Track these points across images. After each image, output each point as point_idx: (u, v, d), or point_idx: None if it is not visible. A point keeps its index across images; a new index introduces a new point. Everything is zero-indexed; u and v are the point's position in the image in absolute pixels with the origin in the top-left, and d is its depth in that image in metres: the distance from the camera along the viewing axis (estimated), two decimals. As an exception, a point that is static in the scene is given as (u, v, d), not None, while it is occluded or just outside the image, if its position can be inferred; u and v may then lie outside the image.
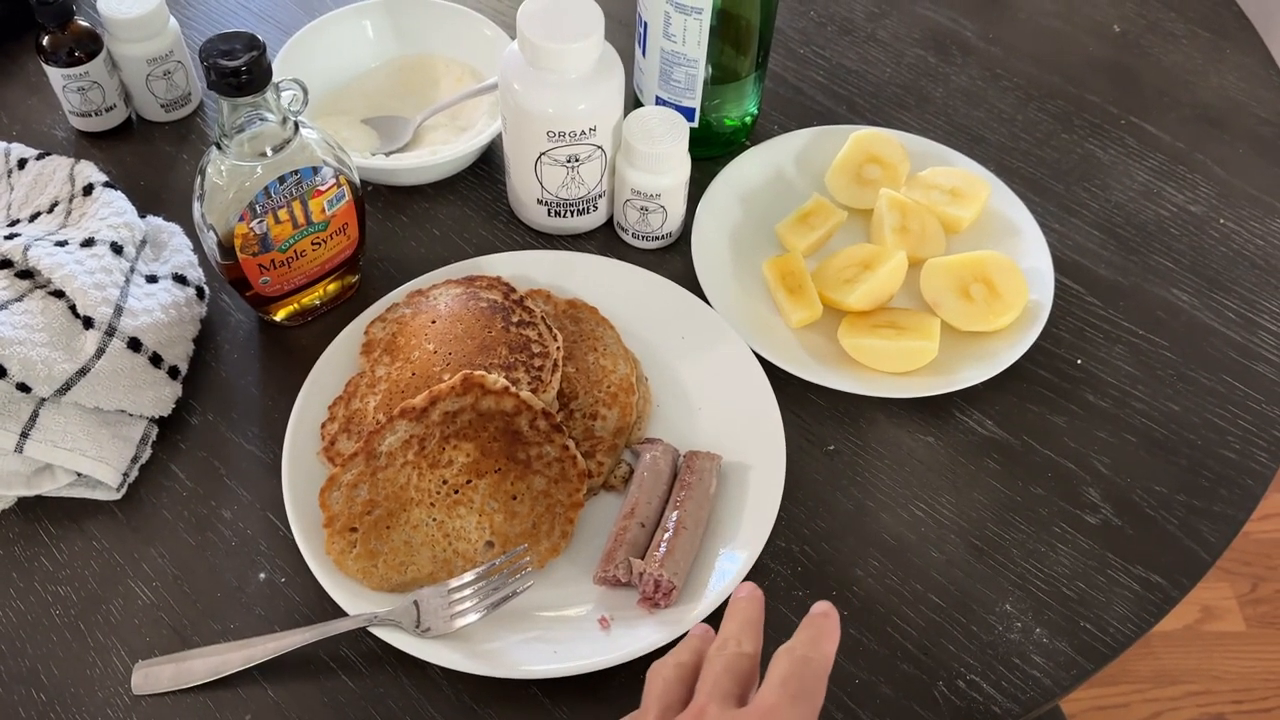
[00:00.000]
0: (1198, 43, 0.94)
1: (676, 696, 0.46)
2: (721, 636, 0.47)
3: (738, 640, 0.47)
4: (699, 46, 0.74)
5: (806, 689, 0.44)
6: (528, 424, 0.63)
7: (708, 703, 0.44)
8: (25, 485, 0.63)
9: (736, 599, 0.49)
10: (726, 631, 0.47)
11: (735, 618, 0.48)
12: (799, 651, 0.45)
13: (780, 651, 0.46)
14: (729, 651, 0.46)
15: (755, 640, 0.47)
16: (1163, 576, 0.64)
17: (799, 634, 0.46)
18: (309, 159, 0.64)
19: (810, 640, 0.46)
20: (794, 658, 0.45)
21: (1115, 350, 0.74)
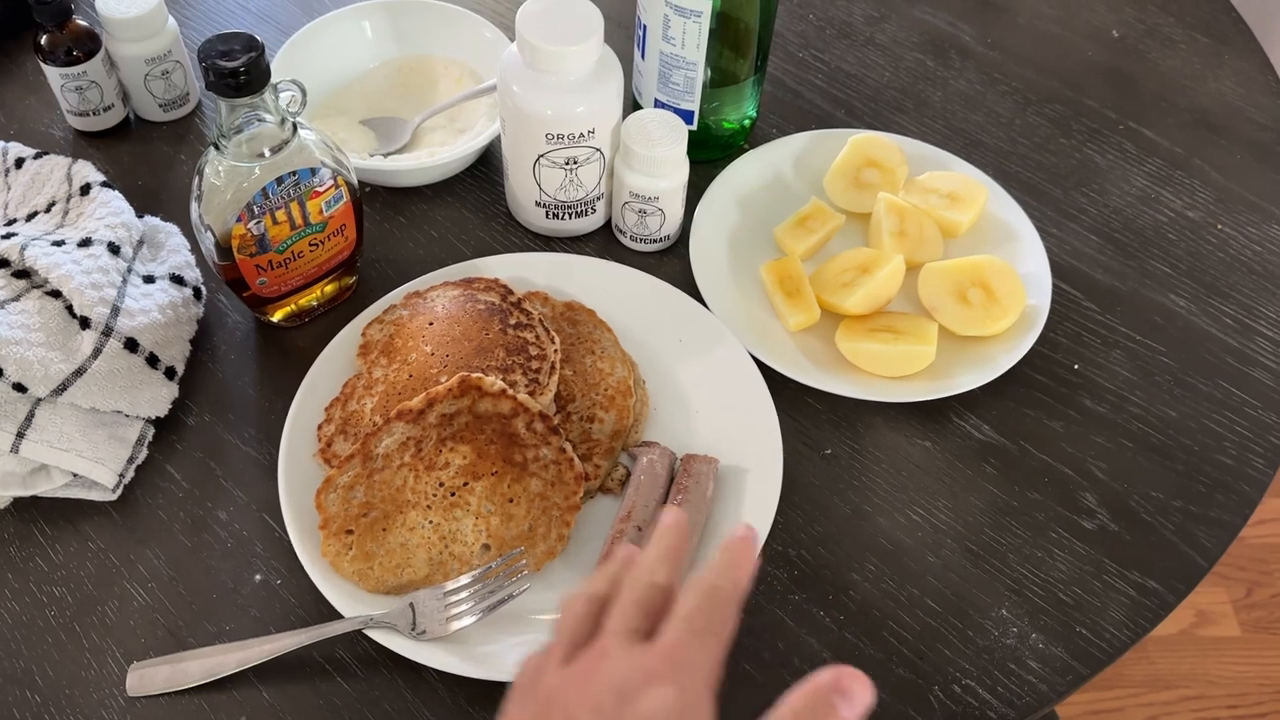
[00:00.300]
0: (1196, 48, 0.94)
1: (585, 631, 0.43)
2: (638, 567, 0.44)
3: (652, 571, 0.44)
4: (698, 49, 0.74)
5: (714, 624, 0.41)
6: (525, 426, 0.63)
7: (611, 640, 0.41)
8: (21, 485, 0.63)
9: (663, 526, 0.46)
10: (643, 562, 0.44)
11: (656, 546, 0.45)
12: (709, 580, 0.42)
13: (691, 580, 0.43)
14: (642, 583, 0.43)
15: (672, 571, 0.44)
16: (1159, 582, 0.64)
17: (714, 561, 0.44)
18: (307, 160, 0.64)
19: (723, 567, 0.43)
20: (703, 588, 0.42)
21: (1112, 355, 0.74)
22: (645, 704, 0.38)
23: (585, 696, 0.39)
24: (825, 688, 0.39)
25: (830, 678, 0.39)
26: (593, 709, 0.39)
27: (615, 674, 0.40)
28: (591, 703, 0.39)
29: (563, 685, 0.41)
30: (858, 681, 0.39)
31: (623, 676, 0.39)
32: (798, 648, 0.61)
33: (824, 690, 0.39)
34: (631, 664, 0.40)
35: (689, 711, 0.39)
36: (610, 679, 0.39)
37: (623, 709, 0.38)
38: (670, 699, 0.38)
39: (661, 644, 0.40)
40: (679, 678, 0.39)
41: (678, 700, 0.38)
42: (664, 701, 0.38)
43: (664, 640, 0.40)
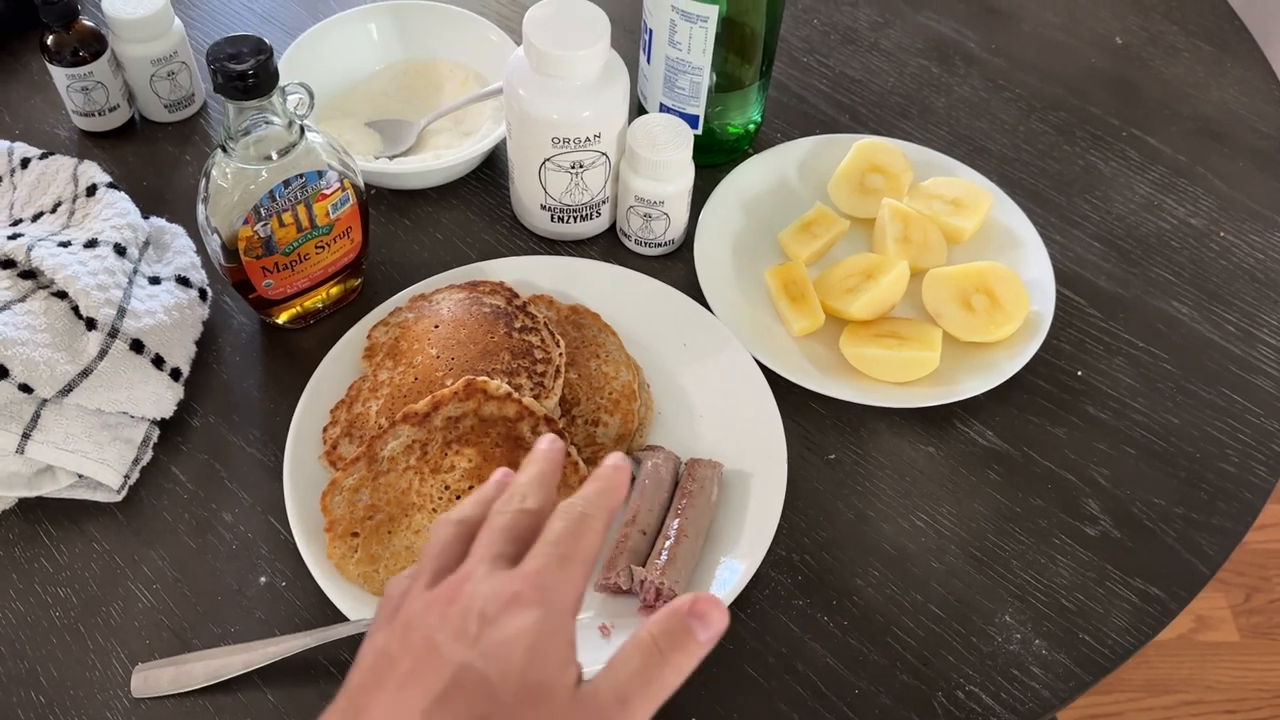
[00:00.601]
0: (1199, 56, 0.94)
1: (453, 555, 0.43)
2: (509, 493, 0.44)
3: (523, 496, 0.43)
4: (704, 54, 0.74)
5: (579, 550, 0.41)
6: (530, 430, 0.63)
7: (476, 565, 0.41)
8: (26, 486, 0.63)
9: (536, 449, 0.46)
10: (514, 487, 0.44)
11: (528, 470, 0.45)
12: (578, 507, 0.42)
13: (560, 507, 0.43)
14: (511, 508, 0.43)
15: (543, 497, 0.44)
16: (1161, 589, 0.64)
17: (583, 488, 0.44)
18: (314, 163, 0.64)
19: (594, 494, 0.43)
20: (572, 515, 0.42)
21: (1115, 362, 0.74)
22: (506, 626, 0.38)
23: (446, 619, 0.39)
24: (682, 613, 0.40)
25: (688, 603, 0.40)
26: (453, 632, 0.38)
27: (478, 597, 0.39)
28: (453, 625, 0.39)
29: (424, 609, 0.40)
30: (715, 607, 0.40)
31: (485, 599, 0.39)
32: (801, 653, 0.61)
33: (681, 615, 0.40)
34: (494, 587, 0.39)
35: (550, 635, 0.39)
36: (472, 602, 0.39)
37: (484, 631, 0.38)
38: (531, 620, 0.38)
39: (525, 568, 0.40)
40: (542, 600, 0.39)
41: (540, 623, 0.38)
42: (525, 623, 0.38)
43: (528, 565, 0.40)
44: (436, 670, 0.38)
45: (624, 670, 0.39)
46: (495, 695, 0.37)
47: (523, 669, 0.37)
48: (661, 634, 0.39)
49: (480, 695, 0.37)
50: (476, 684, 0.37)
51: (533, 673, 0.38)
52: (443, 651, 0.38)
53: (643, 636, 0.39)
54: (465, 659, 0.38)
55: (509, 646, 0.38)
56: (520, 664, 0.37)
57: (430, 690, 0.37)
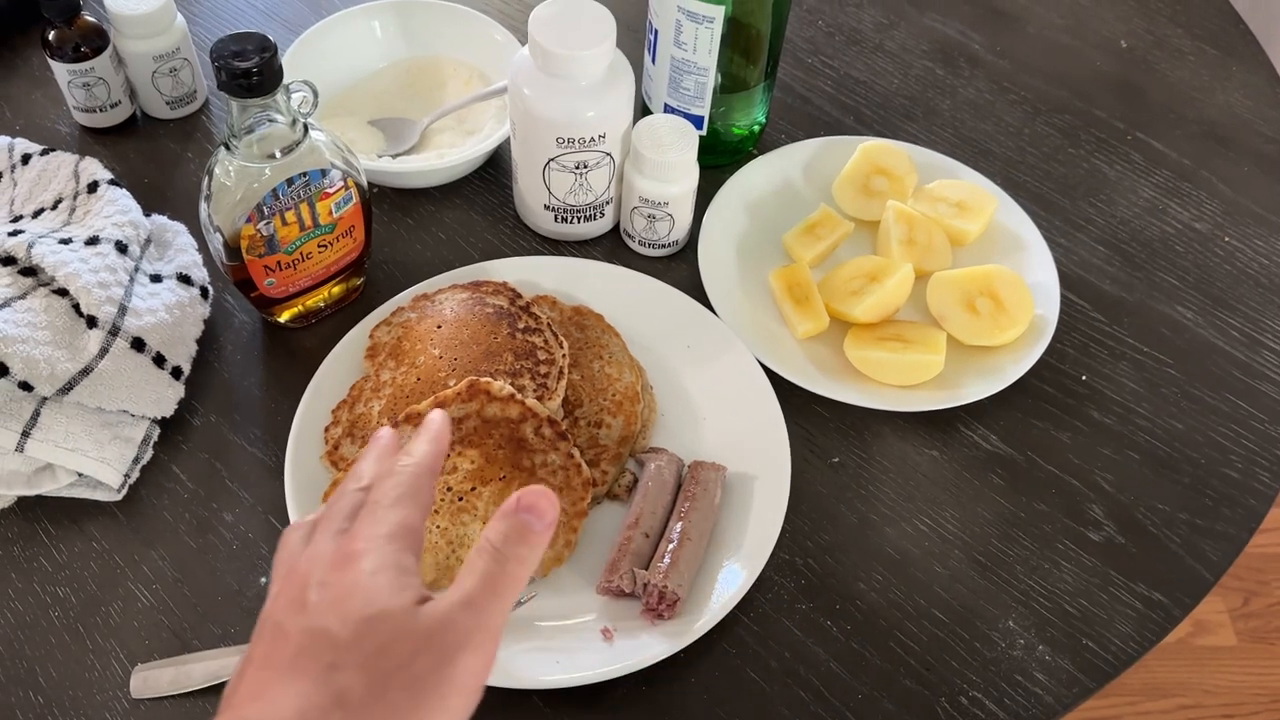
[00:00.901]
0: (1204, 60, 0.94)
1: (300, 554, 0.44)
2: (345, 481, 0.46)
3: (360, 479, 0.45)
4: (710, 55, 0.73)
5: (404, 494, 0.43)
6: (533, 431, 0.63)
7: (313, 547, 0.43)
8: (26, 485, 0.63)
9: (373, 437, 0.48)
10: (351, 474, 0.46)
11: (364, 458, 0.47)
12: (399, 461, 0.45)
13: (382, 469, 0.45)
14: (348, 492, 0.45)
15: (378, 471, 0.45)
16: (1165, 595, 0.64)
17: (408, 445, 0.46)
18: (317, 161, 0.64)
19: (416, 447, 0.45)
20: (391, 470, 0.44)
21: (1119, 367, 0.74)
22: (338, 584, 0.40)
23: (289, 601, 0.41)
24: (513, 510, 0.42)
25: (516, 501, 0.42)
26: (293, 607, 0.40)
27: (314, 569, 0.41)
28: (292, 603, 0.40)
29: (272, 604, 0.42)
30: (542, 497, 0.42)
31: (319, 569, 0.41)
32: (803, 657, 0.61)
33: (511, 512, 0.42)
34: (326, 555, 0.41)
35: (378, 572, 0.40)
36: (309, 575, 0.41)
37: (318, 595, 0.40)
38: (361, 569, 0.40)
39: (353, 528, 0.42)
40: (367, 548, 0.41)
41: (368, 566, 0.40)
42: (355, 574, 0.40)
43: (356, 525, 0.42)
44: (283, 644, 0.39)
45: (470, 577, 0.40)
46: (336, 641, 0.38)
47: (359, 608, 0.39)
48: (497, 535, 0.41)
49: (324, 646, 0.38)
50: (318, 638, 0.38)
51: (367, 608, 0.39)
52: (285, 627, 0.40)
53: (481, 544, 0.41)
54: (305, 624, 0.39)
55: (342, 598, 0.39)
56: (356, 605, 0.39)
57: (281, 662, 0.39)
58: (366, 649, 0.38)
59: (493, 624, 0.40)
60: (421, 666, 0.38)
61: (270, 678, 0.38)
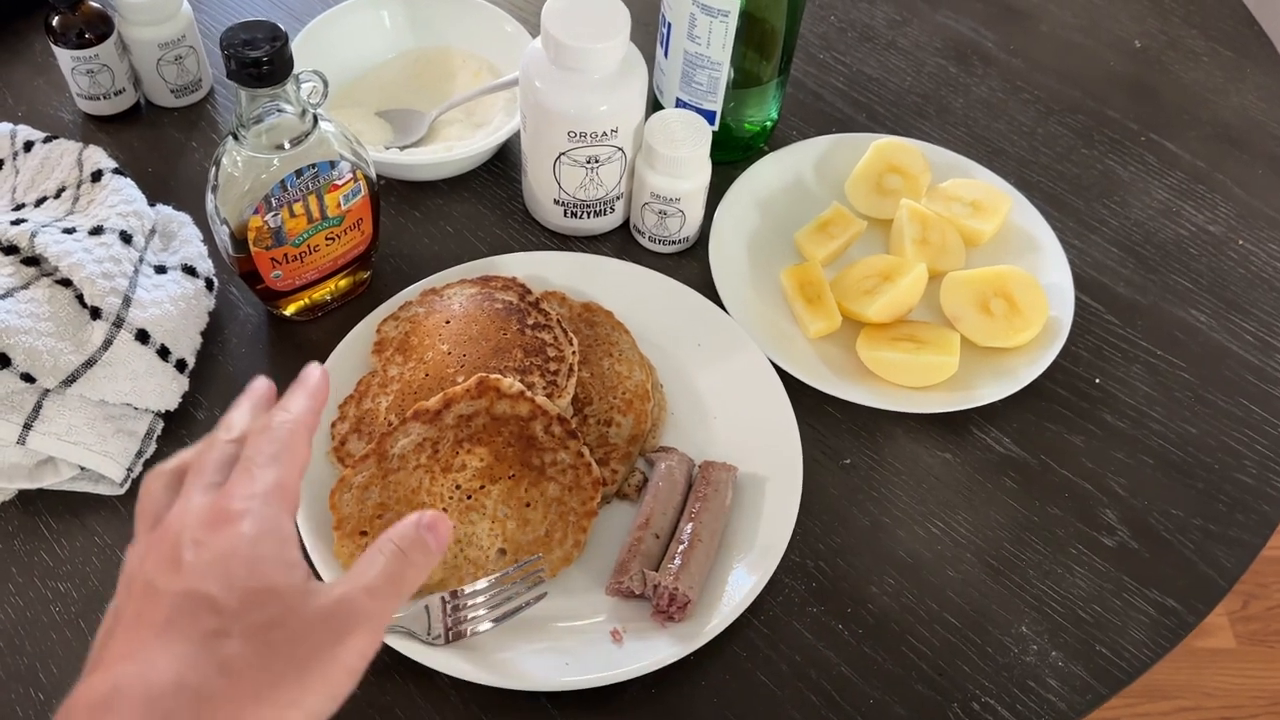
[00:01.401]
0: (1218, 61, 0.93)
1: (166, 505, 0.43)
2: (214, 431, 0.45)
3: (230, 430, 0.44)
4: (723, 50, 0.72)
5: (280, 451, 0.42)
6: (543, 429, 0.62)
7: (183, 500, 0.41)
8: (27, 478, 0.62)
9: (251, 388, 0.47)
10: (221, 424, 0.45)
11: (237, 408, 0.46)
12: (276, 417, 0.43)
13: (257, 424, 0.44)
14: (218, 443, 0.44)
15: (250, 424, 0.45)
16: (1178, 601, 0.64)
17: (283, 399, 0.45)
18: (327, 153, 0.63)
19: (289, 404, 0.44)
20: (268, 426, 0.43)
21: (1133, 370, 0.73)
22: (215, 545, 0.39)
23: (159, 559, 0.39)
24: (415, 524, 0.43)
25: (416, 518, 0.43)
26: (165, 566, 0.39)
27: (185, 528, 0.40)
28: (164, 561, 0.39)
29: (140, 558, 0.40)
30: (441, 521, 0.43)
31: (191, 527, 0.39)
32: (815, 661, 0.60)
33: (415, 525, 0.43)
34: (198, 513, 0.40)
35: (263, 540, 0.39)
36: (181, 534, 0.39)
37: (195, 555, 0.39)
38: (241, 532, 0.39)
39: (227, 486, 0.41)
40: (247, 511, 0.40)
41: (250, 531, 0.39)
42: (234, 536, 0.39)
43: (229, 483, 0.41)
44: (156, 604, 0.38)
45: (372, 569, 0.41)
46: (221, 608, 0.37)
47: (244, 578, 0.38)
48: (403, 539, 0.42)
49: (205, 610, 0.37)
50: (198, 602, 0.37)
51: (254, 579, 0.38)
52: (158, 586, 0.38)
53: (385, 544, 0.42)
54: (182, 586, 0.38)
55: (223, 561, 0.38)
56: (240, 574, 0.38)
57: (155, 622, 0.37)
58: (255, 620, 0.37)
59: (386, 614, 0.41)
60: (312, 643, 0.38)
61: (144, 638, 0.37)
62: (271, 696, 0.37)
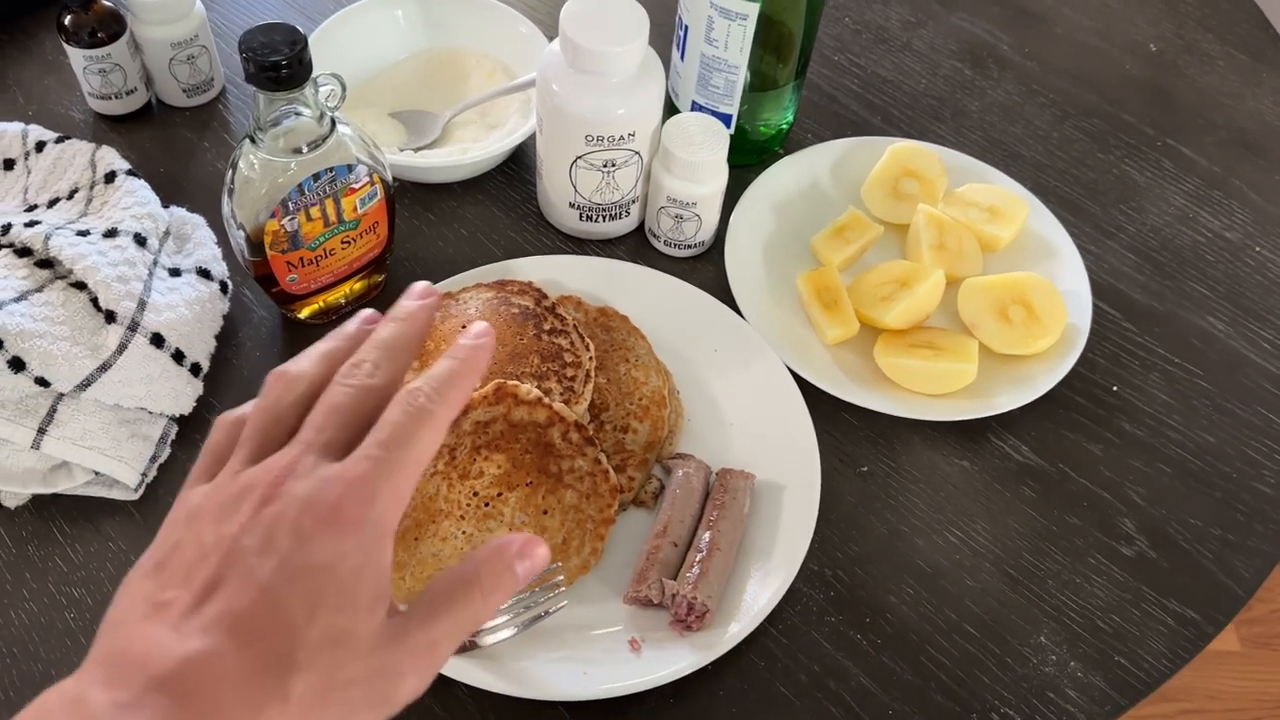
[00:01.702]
0: (1234, 65, 0.93)
1: (283, 426, 0.38)
2: (357, 356, 0.39)
3: (373, 365, 0.38)
4: (741, 53, 0.72)
5: (410, 455, 0.36)
6: (560, 436, 0.62)
7: (303, 454, 0.36)
8: (41, 483, 0.61)
9: (402, 307, 0.40)
10: (363, 351, 0.39)
11: (385, 329, 0.40)
12: (420, 399, 0.37)
13: (402, 394, 0.37)
14: (356, 382, 0.38)
15: (393, 370, 0.39)
16: (1197, 612, 0.63)
17: (435, 367, 0.38)
18: (344, 156, 0.62)
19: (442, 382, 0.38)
20: (412, 408, 0.37)
21: (1151, 378, 0.73)
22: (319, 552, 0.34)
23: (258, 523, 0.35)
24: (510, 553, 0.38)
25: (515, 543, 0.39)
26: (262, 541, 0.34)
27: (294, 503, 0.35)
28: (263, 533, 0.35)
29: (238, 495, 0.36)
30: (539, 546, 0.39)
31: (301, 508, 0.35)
32: (834, 671, 0.60)
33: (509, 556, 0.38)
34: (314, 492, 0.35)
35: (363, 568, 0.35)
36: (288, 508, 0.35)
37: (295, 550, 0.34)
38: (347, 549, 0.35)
39: (352, 470, 0.36)
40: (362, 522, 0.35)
41: (355, 552, 0.35)
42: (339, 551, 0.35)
43: (356, 467, 0.36)
44: (242, 587, 0.34)
45: (441, 611, 0.37)
46: (296, 635, 0.34)
47: (332, 609, 0.34)
48: (488, 576, 0.38)
49: (281, 632, 0.34)
50: (277, 618, 0.34)
51: (340, 617, 0.34)
52: (249, 560, 0.34)
53: (469, 575, 0.37)
54: (271, 581, 0.34)
55: (319, 578, 0.34)
56: (330, 603, 0.34)
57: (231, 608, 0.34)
58: (324, 659, 0.34)
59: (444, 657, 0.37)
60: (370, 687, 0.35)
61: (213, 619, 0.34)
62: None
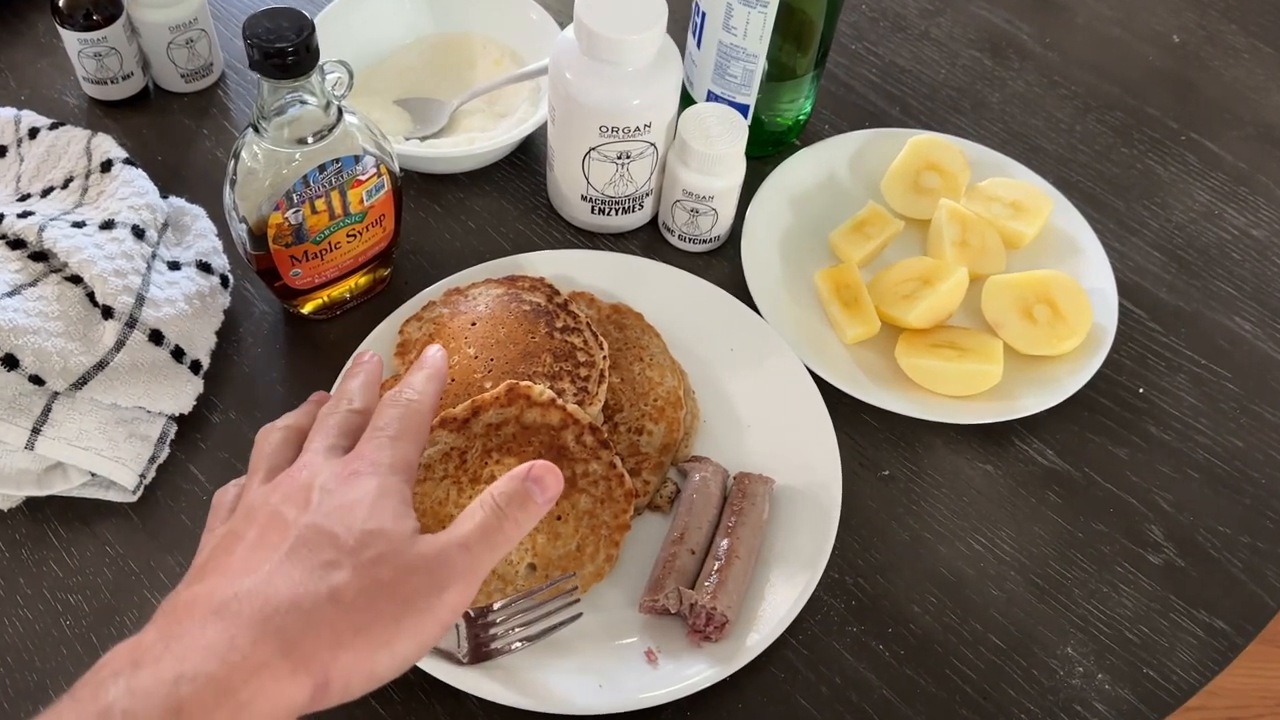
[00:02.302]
0: (1259, 58, 0.90)
1: (284, 457, 0.47)
2: (335, 398, 0.49)
3: (350, 400, 0.48)
4: (761, 41, 0.70)
5: (407, 428, 0.46)
6: (574, 439, 0.60)
7: (313, 456, 0.45)
8: (36, 484, 0.59)
9: (357, 360, 0.52)
10: (340, 393, 0.49)
11: (353, 379, 0.50)
12: (404, 395, 0.47)
13: (387, 396, 0.48)
14: (340, 410, 0.48)
15: (368, 398, 0.49)
16: (1226, 622, 0.62)
17: (408, 376, 0.49)
18: (350, 147, 0.60)
19: (419, 382, 0.48)
20: (399, 402, 0.47)
21: (1177, 380, 0.71)
22: (345, 494, 0.43)
23: (289, 496, 0.43)
24: (523, 476, 0.45)
25: (527, 469, 0.45)
26: (298, 503, 0.42)
27: (318, 475, 0.44)
28: (296, 499, 0.43)
29: (266, 494, 0.44)
30: (551, 474, 0.45)
31: (324, 477, 0.43)
32: (855, 683, 0.58)
33: (522, 478, 0.45)
34: (332, 469, 0.44)
35: (385, 495, 0.43)
36: (313, 479, 0.43)
37: (324, 499, 0.42)
38: (369, 488, 0.43)
39: (360, 450, 0.45)
40: (376, 472, 0.44)
41: (376, 488, 0.43)
42: (363, 490, 0.43)
43: (362, 447, 0.45)
44: (282, 532, 0.41)
45: (468, 523, 0.43)
46: (339, 543, 0.41)
47: (363, 521, 0.42)
48: (502, 495, 0.44)
49: (326, 543, 0.41)
50: (321, 536, 0.41)
51: (371, 522, 0.42)
52: (287, 517, 0.42)
53: (485, 498, 0.44)
54: (309, 520, 0.41)
55: (349, 507, 0.42)
56: (361, 518, 0.42)
57: (279, 547, 0.41)
58: (365, 557, 0.40)
59: (481, 569, 0.43)
60: (412, 588, 0.41)
61: (265, 558, 0.41)
62: (369, 632, 0.39)
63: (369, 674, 0.40)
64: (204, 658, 0.37)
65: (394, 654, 0.40)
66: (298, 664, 0.38)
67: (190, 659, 0.37)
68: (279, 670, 0.37)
